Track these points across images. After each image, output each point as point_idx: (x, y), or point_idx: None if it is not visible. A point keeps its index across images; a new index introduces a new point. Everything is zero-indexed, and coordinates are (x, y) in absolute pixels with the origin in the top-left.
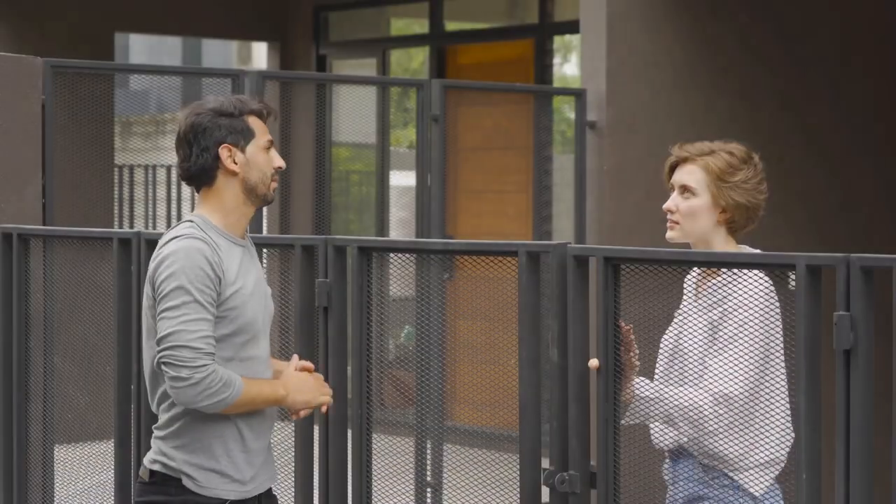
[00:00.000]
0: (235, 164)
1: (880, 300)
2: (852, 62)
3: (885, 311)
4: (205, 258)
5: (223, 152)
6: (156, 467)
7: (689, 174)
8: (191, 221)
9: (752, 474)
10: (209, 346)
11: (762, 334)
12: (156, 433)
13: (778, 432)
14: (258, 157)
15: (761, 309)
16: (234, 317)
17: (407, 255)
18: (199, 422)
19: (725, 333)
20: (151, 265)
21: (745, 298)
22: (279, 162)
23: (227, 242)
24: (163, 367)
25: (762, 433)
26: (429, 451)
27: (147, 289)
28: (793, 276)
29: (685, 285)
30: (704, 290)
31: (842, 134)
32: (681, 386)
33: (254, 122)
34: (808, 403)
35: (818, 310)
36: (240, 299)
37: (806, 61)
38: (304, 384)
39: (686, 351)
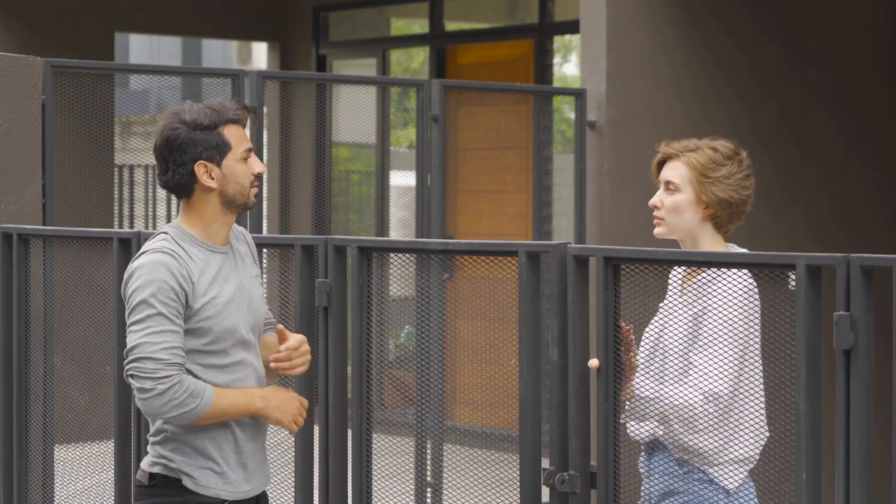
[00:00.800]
0: (212, 178)
1: (880, 300)
2: (851, 62)
3: (885, 311)
4: (170, 272)
5: (199, 169)
6: (156, 469)
7: (672, 170)
8: (165, 233)
9: (726, 469)
10: (175, 356)
11: (742, 330)
12: (151, 439)
13: (754, 429)
14: (235, 170)
15: (742, 305)
16: (209, 327)
17: (407, 255)
18: (187, 426)
19: (708, 329)
20: (124, 279)
21: (727, 294)
22: (259, 168)
23: (203, 252)
24: (129, 379)
25: (739, 430)
26: (429, 451)
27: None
28: (793, 276)
29: (671, 279)
30: (689, 286)
31: (840, 134)
32: (660, 381)
33: (230, 132)
34: (808, 403)
35: (818, 310)
36: (213, 309)
37: (805, 61)
38: (286, 403)
39: (668, 347)
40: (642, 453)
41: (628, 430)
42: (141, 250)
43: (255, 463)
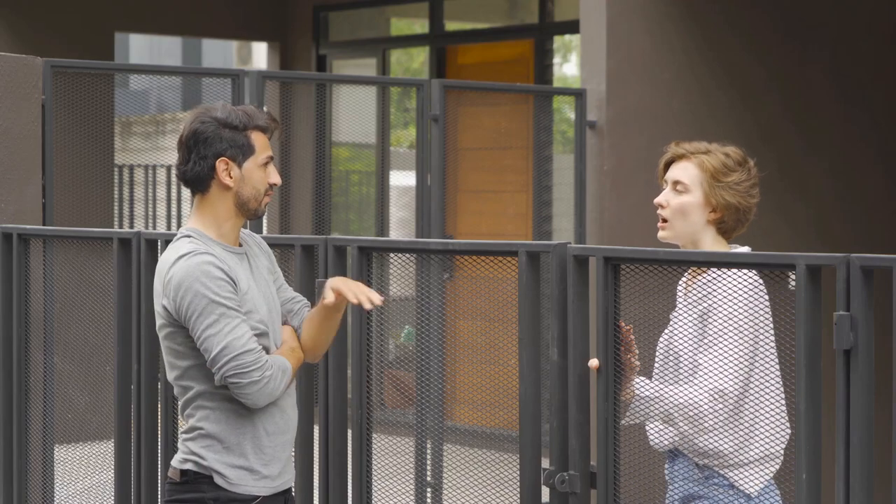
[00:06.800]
0: (230, 177)
1: (880, 300)
2: (855, 59)
3: (886, 311)
4: (219, 269)
5: (220, 165)
6: (188, 466)
7: (682, 170)
8: (188, 236)
9: (746, 472)
10: (257, 342)
11: (749, 326)
12: (183, 436)
13: (770, 426)
14: (254, 174)
15: (747, 301)
16: (247, 319)
17: (407, 255)
18: (223, 423)
19: (714, 327)
20: (165, 286)
21: (731, 290)
22: (275, 179)
23: (225, 252)
24: (231, 380)
25: (754, 428)
26: (429, 451)
27: (159, 308)
28: (793, 276)
29: (678, 289)
30: (692, 288)
31: (846, 129)
32: (673, 384)
33: (256, 137)
34: (808, 403)
35: (818, 310)
36: (251, 302)
37: (808, 60)
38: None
39: (678, 351)
40: (667, 461)
41: (650, 441)
42: (173, 255)
43: (285, 457)
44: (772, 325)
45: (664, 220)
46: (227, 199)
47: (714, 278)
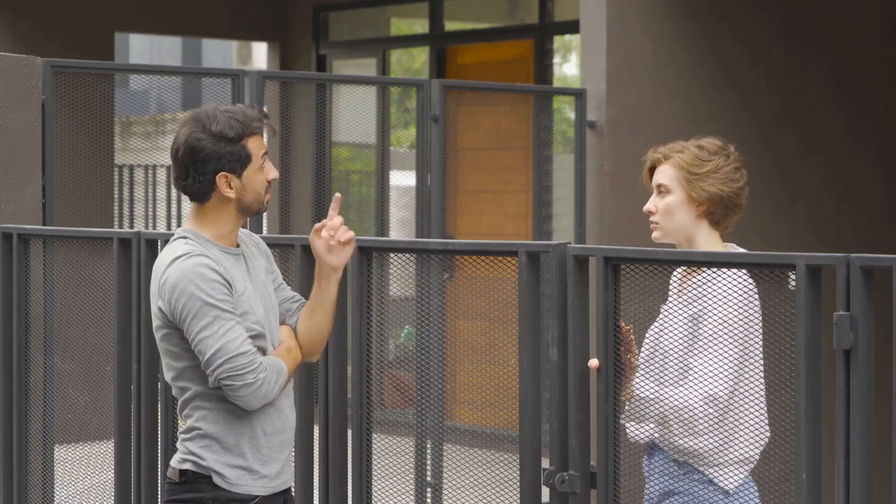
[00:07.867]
0: (231, 188)
1: (880, 300)
2: (854, 60)
3: (886, 311)
4: (214, 270)
5: (220, 180)
6: (186, 466)
7: (662, 173)
8: (185, 237)
9: (724, 470)
10: (251, 344)
11: (741, 330)
12: (182, 437)
13: (753, 430)
14: (254, 179)
15: (740, 305)
16: (243, 321)
17: (407, 255)
18: (220, 424)
19: (706, 331)
20: (160, 288)
21: (725, 294)
22: (273, 174)
23: (222, 253)
24: (224, 383)
25: (738, 431)
26: (429, 451)
27: (155, 310)
28: (793, 276)
29: (671, 282)
30: (686, 286)
31: (844, 129)
32: (660, 382)
33: (252, 143)
34: (808, 403)
35: (818, 310)
36: (247, 304)
37: (807, 60)
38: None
39: (666, 349)
40: (645, 455)
41: (627, 432)
42: (169, 257)
43: (284, 457)
44: (761, 329)
45: (655, 223)
46: (228, 208)
47: (709, 280)
